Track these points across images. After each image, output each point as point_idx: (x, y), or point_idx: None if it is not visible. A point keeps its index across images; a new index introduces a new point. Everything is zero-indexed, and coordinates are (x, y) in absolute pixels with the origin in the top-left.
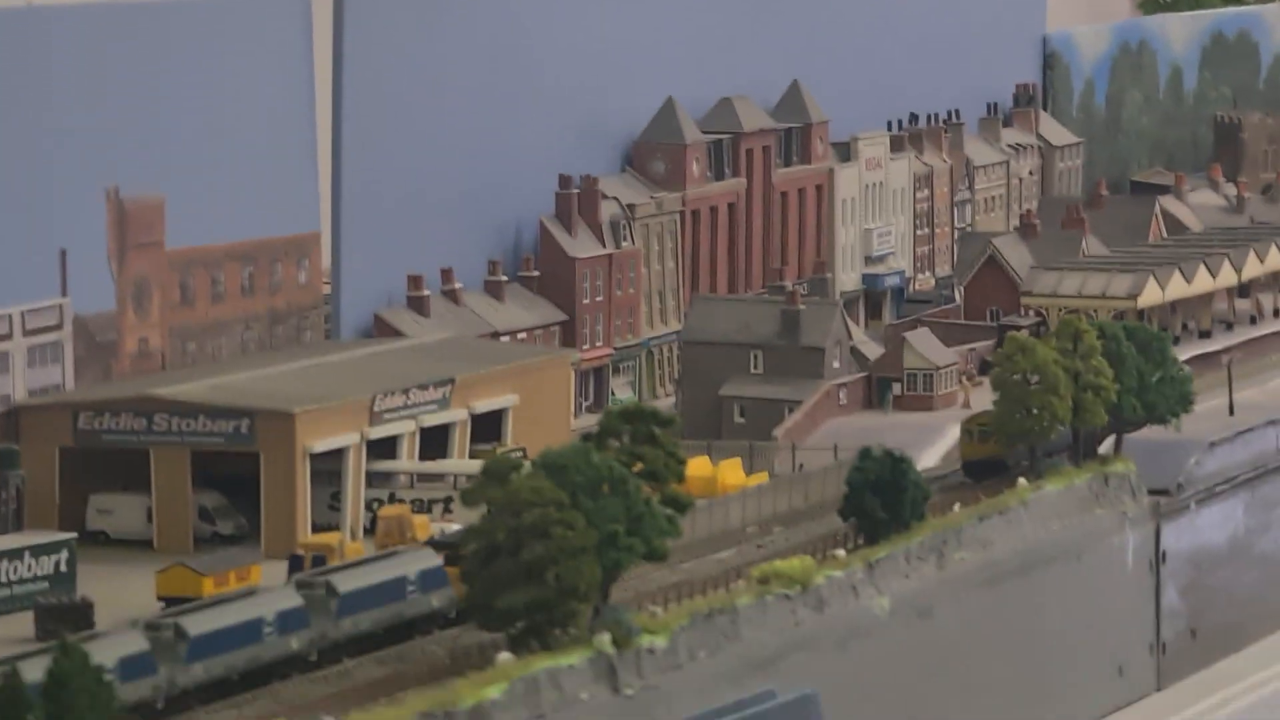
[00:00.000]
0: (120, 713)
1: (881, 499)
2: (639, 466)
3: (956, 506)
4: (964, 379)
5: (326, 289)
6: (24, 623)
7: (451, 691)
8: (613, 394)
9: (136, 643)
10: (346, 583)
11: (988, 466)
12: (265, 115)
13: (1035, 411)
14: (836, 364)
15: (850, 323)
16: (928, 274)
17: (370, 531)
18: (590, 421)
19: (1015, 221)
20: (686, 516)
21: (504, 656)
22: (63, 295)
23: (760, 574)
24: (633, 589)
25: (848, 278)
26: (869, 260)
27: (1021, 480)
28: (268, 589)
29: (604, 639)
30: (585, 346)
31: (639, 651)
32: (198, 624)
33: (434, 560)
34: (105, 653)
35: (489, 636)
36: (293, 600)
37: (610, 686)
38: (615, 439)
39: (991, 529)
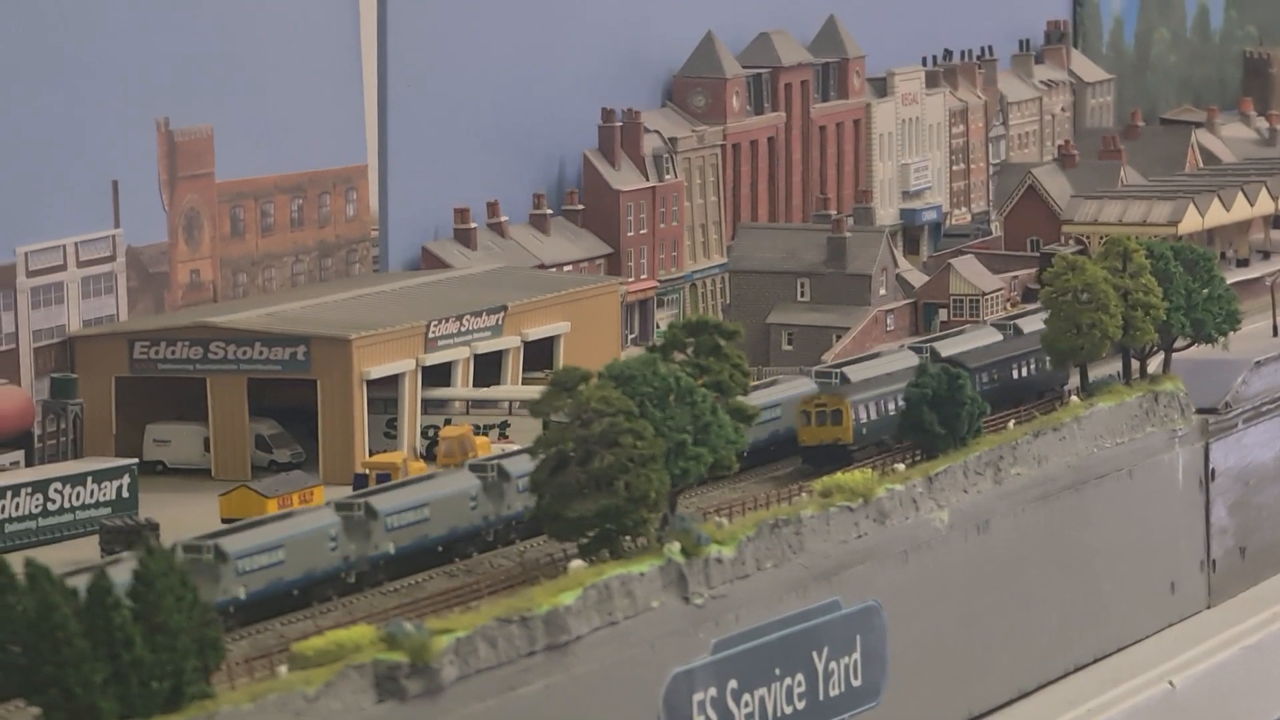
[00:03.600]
0: (206, 611)
1: (939, 414)
2: (703, 379)
3: (1011, 423)
4: (1008, 305)
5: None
6: (89, 547)
7: (526, 598)
8: (658, 326)
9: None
10: (518, 468)
11: (829, 453)
12: (312, 47)
13: (1086, 329)
14: (883, 290)
15: (895, 250)
16: (964, 209)
17: (430, 453)
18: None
19: (1049, 157)
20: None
21: (576, 564)
22: (115, 227)
23: (822, 487)
24: (694, 505)
25: (885, 212)
26: (906, 195)
27: (1074, 397)
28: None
29: (674, 547)
30: (629, 279)
31: (707, 560)
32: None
33: None
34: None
35: (557, 549)
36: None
37: (680, 595)
38: (679, 351)
39: (1046, 445)
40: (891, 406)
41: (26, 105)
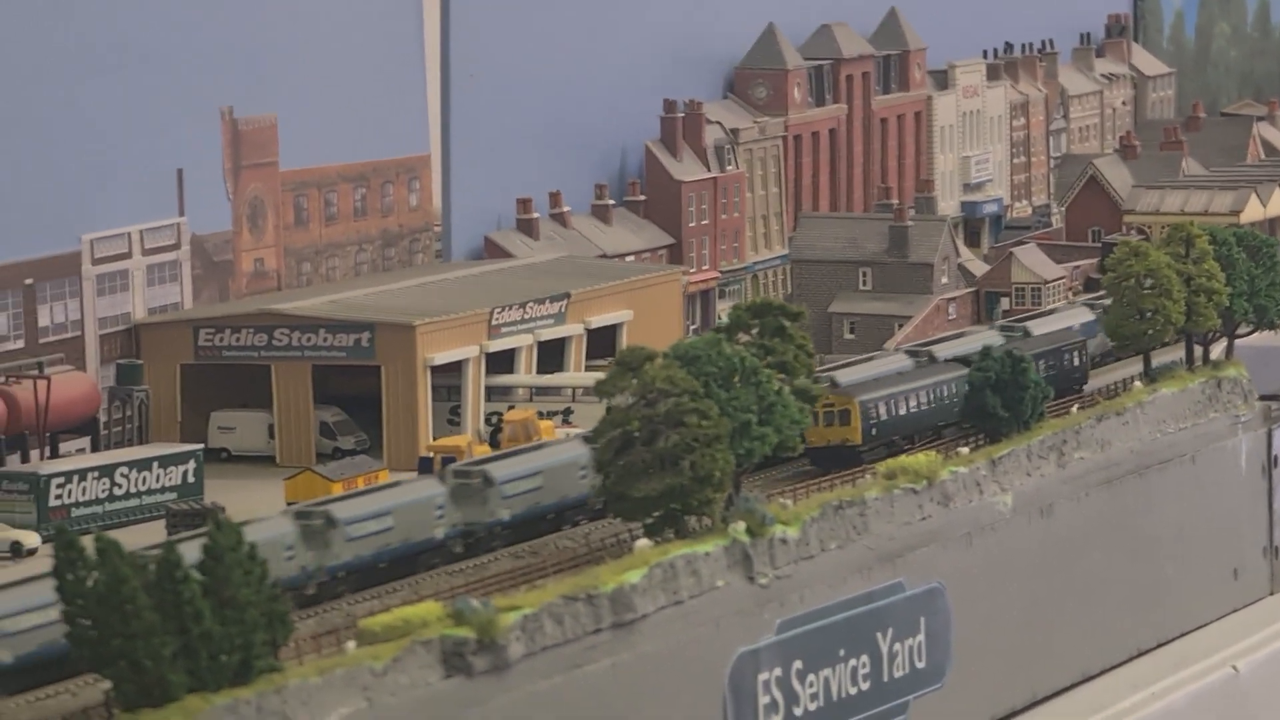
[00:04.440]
0: (274, 588)
1: (1002, 398)
2: (768, 360)
3: (1075, 408)
4: (1071, 294)
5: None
6: (155, 531)
7: (592, 576)
8: (719, 317)
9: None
10: None
11: (836, 454)
12: (375, 37)
13: (1149, 315)
14: (945, 279)
15: (957, 240)
16: (1024, 202)
17: (494, 438)
18: None
19: (1109, 151)
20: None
21: (642, 543)
22: (180, 215)
23: (886, 469)
24: (755, 487)
25: (946, 205)
26: (967, 188)
27: (1137, 383)
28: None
29: (739, 527)
30: (691, 270)
31: (772, 541)
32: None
33: None
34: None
35: (623, 529)
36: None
37: (745, 574)
38: (744, 333)
39: (1109, 430)
40: (902, 407)
41: (92, 94)
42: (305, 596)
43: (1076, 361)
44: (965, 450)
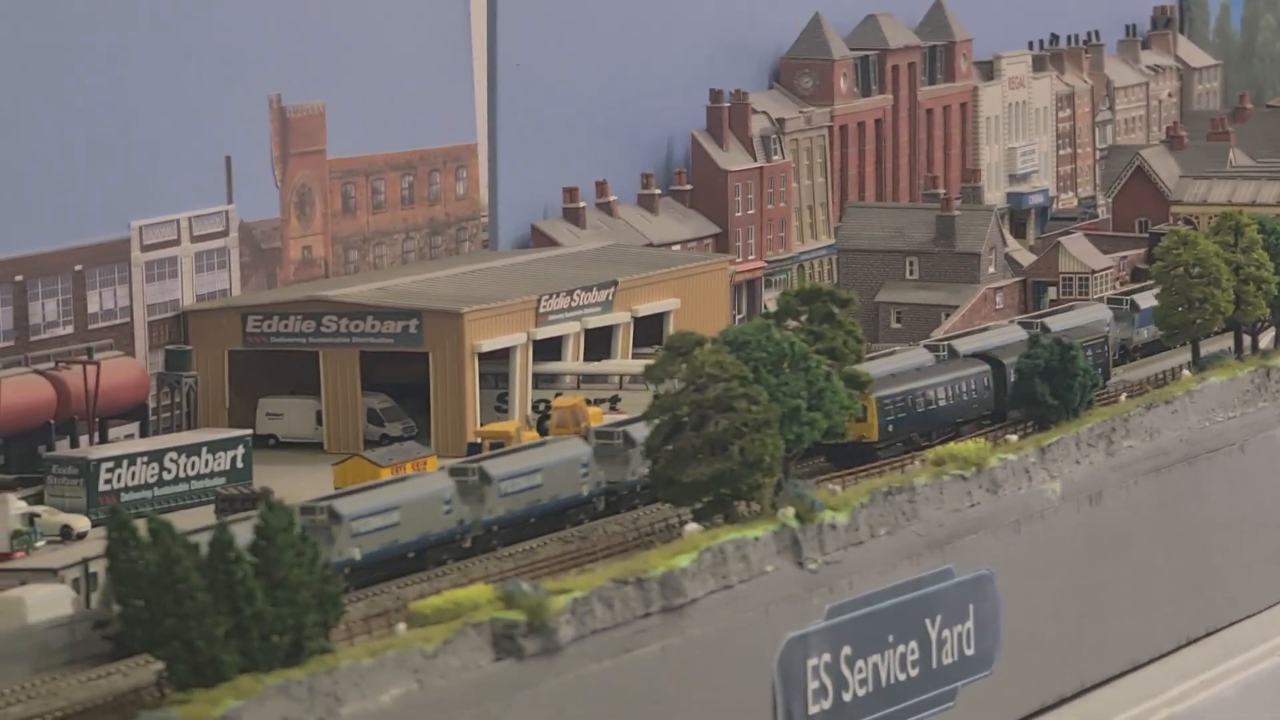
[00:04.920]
0: (325, 569)
1: (1050, 385)
2: (817, 346)
3: (1123, 396)
4: (1118, 284)
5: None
6: (204, 516)
7: (641, 560)
8: (765, 307)
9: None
10: None
11: (852, 451)
12: (422, 26)
13: (1198, 304)
14: (992, 269)
15: (1004, 229)
16: (1070, 193)
17: (541, 426)
18: None
19: (1156, 142)
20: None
21: (691, 528)
22: (228, 202)
23: (935, 456)
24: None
25: (992, 196)
26: (1013, 179)
27: (1186, 371)
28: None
29: (788, 513)
30: (737, 259)
31: (821, 526)
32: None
33: None
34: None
35: (672, 516)
36: None
37: (794, 560)
38: (793, 319)
39: (1158, 418)
40: (921, 404)
41: (142, 82)
42: (461, 549)
43: (1098, 358)
44: (1013, 438)
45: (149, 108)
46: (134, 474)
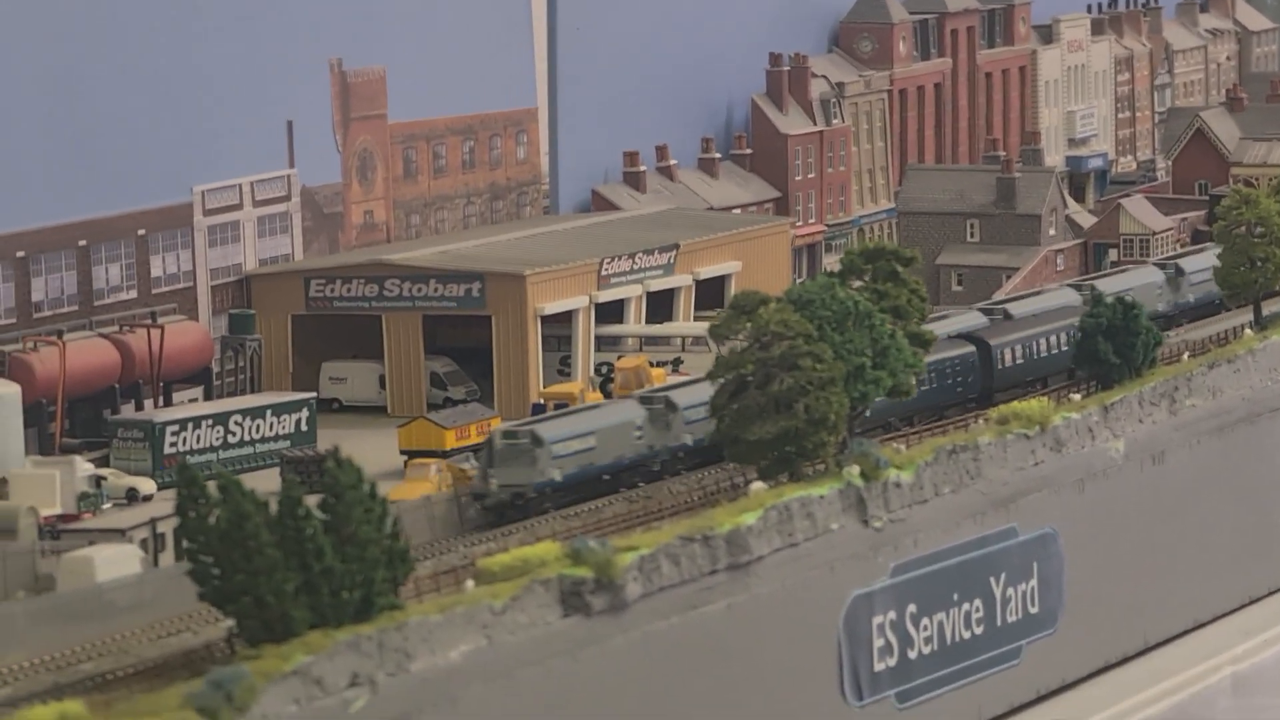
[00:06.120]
0: (395, 524)
1: (1114, 344)
2: (881, 304)
3: (1185, 355)
4: (1178, 245)
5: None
6: (269, 479)
7: (708, 518)
8: (825, 271)
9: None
10: None
11: None
12: None
13: (1259, 263)
14: (1052, 231)
15: (1064, 192)
16: (1129, 156)
17: (605, 388)
18: None
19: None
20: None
21: (757, 486)
22: (290, 167)
23: (999, 414)
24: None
25: (1051, 159)
26: (1071, 142)
27: (1248, 330)
28: None
29: (853, 470)
30: (797, 223)
31: (886, 484)
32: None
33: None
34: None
35: (736, 477)
36: None
37: (859, 518)
38: (857, 278)
39: (1220, 377)
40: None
41: (204, 47)
42: (651, 472)
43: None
44: (1077, 397)
45: (211, 73)
46: (199, 437)
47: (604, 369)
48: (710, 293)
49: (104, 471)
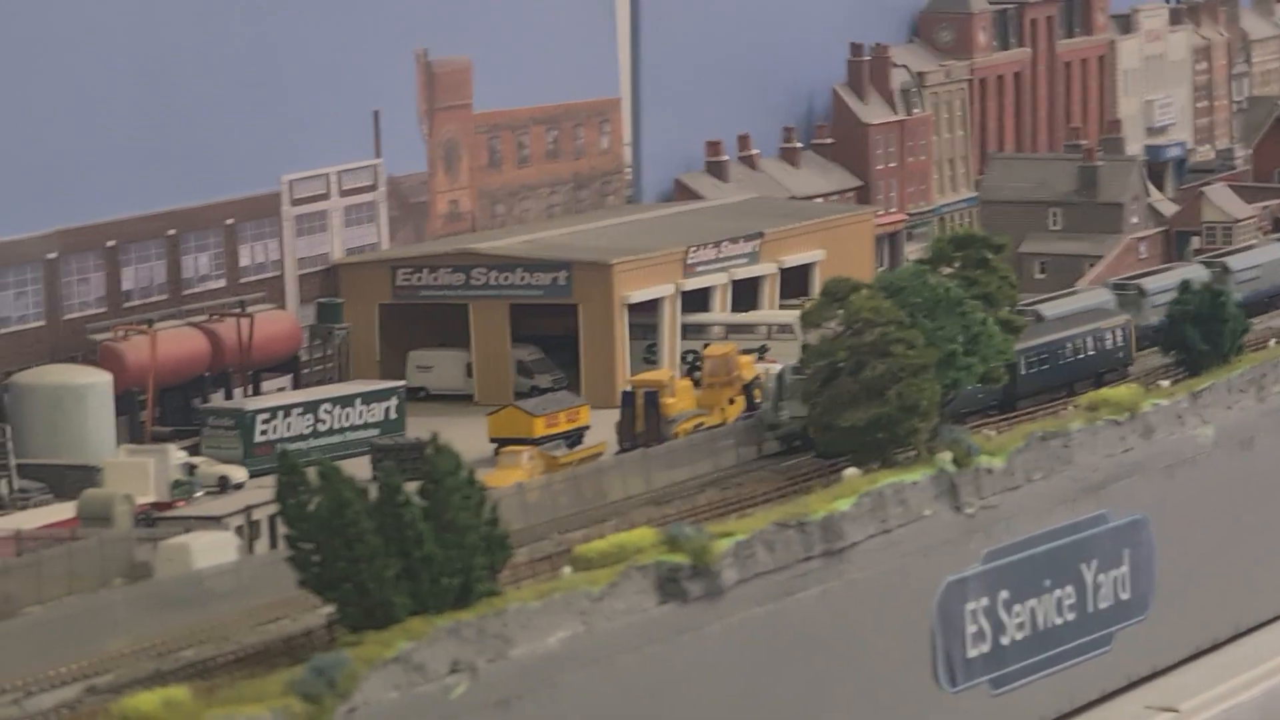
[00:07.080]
0: (494, 510)
1: (1201, 331)
2: (971, 291)
3: (1272, 342)
4: (1261, 233)
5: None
6: (359, 467)
7: (802, 504)
8: (907, 260)
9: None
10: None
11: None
12: None
13: None
14: (1135, 219)
15: (1146, 180)
16: (1207, 145)
17: (693, 376)
18: None
19: None
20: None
21: (850, 472)
22: (376, 156)
23: (1089, 401)
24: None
25: (1130, 148)
26: (1150, 131)
27: None
28: None
29: (945, 457)
30: (879, 212)
31: (978, 471)
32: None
33: None
34: None
35: (825, 463)
36: None
37: (951, 504)
38: (947, 265)
39: None
40: None
41: (290, 38)
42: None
43: (1120, 341)
44: (1166, 383)
45: (297, 63)
46: (289, 425)
47: (690, 357)
48: (795, 281)
49: (195, 460)
